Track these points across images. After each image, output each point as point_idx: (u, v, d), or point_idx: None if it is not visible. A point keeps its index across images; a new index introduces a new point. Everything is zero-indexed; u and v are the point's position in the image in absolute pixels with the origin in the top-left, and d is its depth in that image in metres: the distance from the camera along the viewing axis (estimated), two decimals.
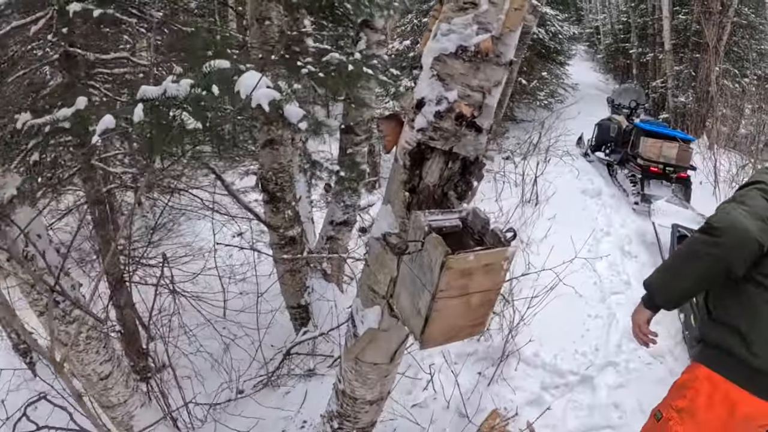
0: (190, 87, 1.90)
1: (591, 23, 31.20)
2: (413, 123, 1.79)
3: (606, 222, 7.53)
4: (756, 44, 16.82)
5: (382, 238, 2.03)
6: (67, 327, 3.42)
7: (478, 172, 1.95)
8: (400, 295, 1.96)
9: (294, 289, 5.46)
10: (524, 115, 13.93)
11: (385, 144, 1.95)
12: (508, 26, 1.66)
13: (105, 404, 3.89)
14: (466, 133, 1.76)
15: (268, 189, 4.87)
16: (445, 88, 1.72)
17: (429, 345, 1.85)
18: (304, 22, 4.62)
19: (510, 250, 1.70)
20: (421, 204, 1.89)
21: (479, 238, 1.84)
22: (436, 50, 1.72)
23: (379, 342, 2.41)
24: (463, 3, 1.68)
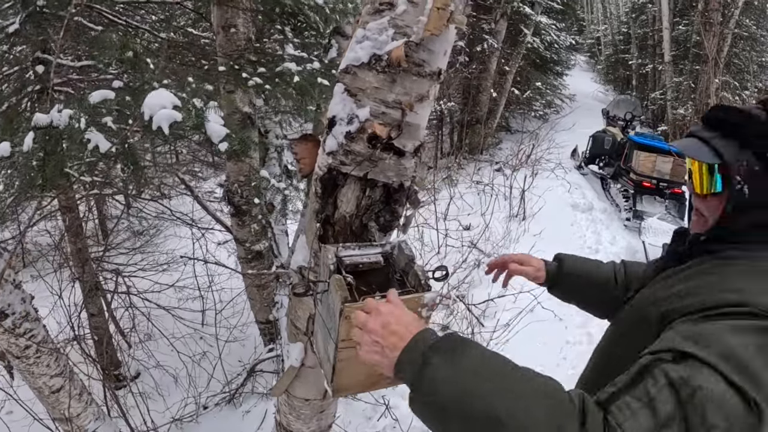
0: (69, 118, 1.67)
1: (592, 34, 31.11)
2: (324, 145, 1.55)
3: (595, 239, 7.28)
4: (757, 56, 16.64)
5: (297, 272, 1.78)
6: (17, 340, 3.31)
7: (409, 200, 1.71)
8: (317, 334, 1.72)
9: (262, 304, 5.26)
10: (519, 126, 13.71)
11: (300, 168, 1.71)
12: (430, 29, 1.39)
13: (57, 417, 3.80)
14: (384, 157, 1.51)
15: (233, 202, 4.67)
16: (357, 105, 1.47)
17: (340, 394, 1.59)
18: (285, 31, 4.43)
19: (427, 296, 1.43)
20: (337, 236, 1.64)
21: (401, 277, 1.59)
22: (347, 61, 1.47)
23: (308, 378, 2.16)
24: (378, 4, 1.44)
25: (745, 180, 1.24)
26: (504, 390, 0.97)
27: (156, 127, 1.83)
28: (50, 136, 1.75)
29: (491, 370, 1.01)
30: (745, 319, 1.00)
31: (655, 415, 0.91)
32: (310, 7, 3.92)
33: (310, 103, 3.71)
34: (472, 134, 11.78)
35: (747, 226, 1.26)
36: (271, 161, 5.39)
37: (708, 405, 0.89)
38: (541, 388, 0.97)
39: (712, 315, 1.06)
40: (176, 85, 2.26)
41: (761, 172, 1.22)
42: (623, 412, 0.93)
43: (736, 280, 1.17)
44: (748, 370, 0.92)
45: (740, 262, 1.24)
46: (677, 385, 0.93)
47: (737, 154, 1.25)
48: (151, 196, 7.10)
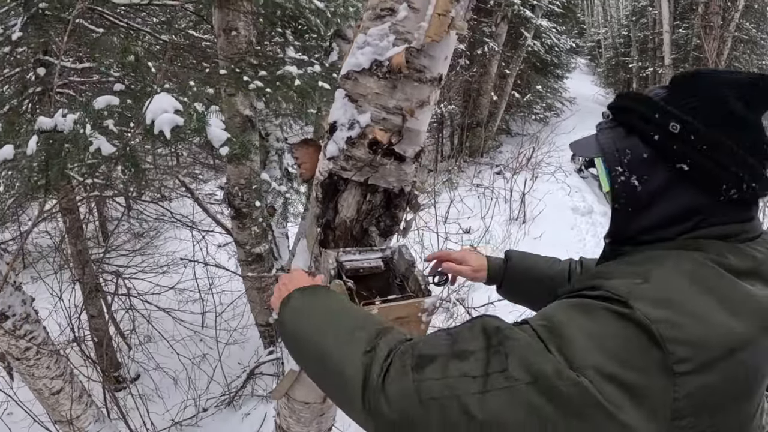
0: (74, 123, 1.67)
1: (593, 37, 31.12)
2: (325, 150, 1.55)
3: (595, 242, 7.28)
4: (757, 59, 16.66)
5: None
6: (18, 342, 3.32)
7: (410, 205, 1.71)
8: None
9: (262, 307, 5.27)
10: (519, 129, 13.71)
11: (301, 173, 1.71)
12: (431, 35, 1.40)
13: (57, 419, 3.81)
14: (384, 162, 1.51)
15: (234, 204, 4.67)
16: (358, 111, 1.47)
17: None
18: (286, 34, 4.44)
19: (428, 301, 1.45)
20: (338, 241, 1.64)
21: (401, 282, 1.60)
22: (348, 66, 1.47)
23: (308, 381, 2.16)
24: (380, 10, 1.44)
25: (632, 170, 1.07)
26: (332, 328, 1.10)
27: (158, 131, 1.83)
28: (54, 140, 1.76)
29: (331, 310, 1.16)
30: (586, 299, 0.94)
31: (453, 345, 0.94)
32: (311, 11, 3.93)
33: (310, 106, 3.72)
34: (472, 137, 11.79)
35: (648, 226, 1.08)
36: (272, 164, 5.39)
37: (512, 353, 0.88)
38: (363, 338, 1.04)
39: (567, 296, 1.00)
40: (178, 88, 2.26)
41: (651, 158, 1.06)
42: (424, 341, 0.99)
43: (604, 268, 1.08)
44: (560, 336, 0.89)
45: (650, 254, 1.05)
46: (490, 332, 0.93)
47: (620, 143, 1.10)
48: (151, 198, 7.11)
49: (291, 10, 3.81)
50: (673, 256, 0.99)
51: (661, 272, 0.95)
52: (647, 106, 1.07)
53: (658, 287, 0.91)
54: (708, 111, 1.00)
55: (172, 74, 4.16)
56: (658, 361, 0.83)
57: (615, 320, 0.87)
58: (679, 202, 1.04)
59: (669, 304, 0.88)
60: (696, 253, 0.98)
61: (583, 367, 0.84)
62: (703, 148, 0.99)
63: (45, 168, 1.81)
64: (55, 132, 1.77)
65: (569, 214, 8.24)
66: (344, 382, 1.01)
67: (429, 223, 6.92)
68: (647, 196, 1.07)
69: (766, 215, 6.59)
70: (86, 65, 4.38)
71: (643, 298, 0.88)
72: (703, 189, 1.02)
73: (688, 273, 0.94)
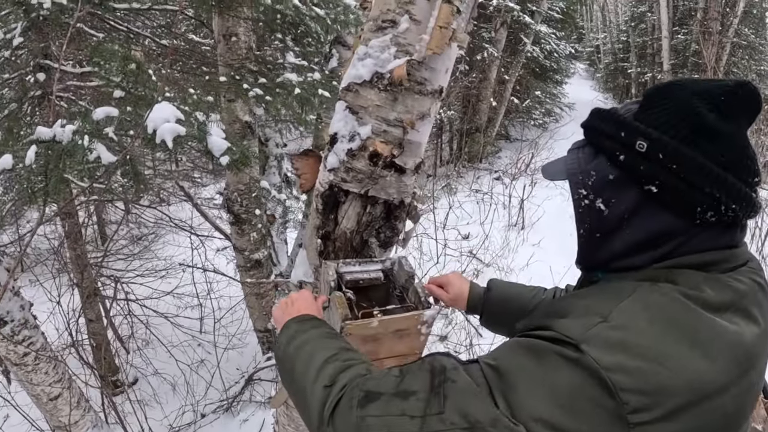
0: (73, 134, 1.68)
1: (592, 42, 31.18)
2: (326, 162, 1.55)
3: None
4: (756, 65, 16.65)
5: (297, 286, 1.79)
6: (16, 347, 3.36)
7: (410, 216, 1.71)
8: None
9: (260, 313, 5.26)
10: (518, 134, 13.72)
11: (301, 184, 1.71)
12: (432, 48, 1.40)
13: (56, 424, 3.83)
14: (384, 174, 1.51)
15: (233, 210, 4.67)
16: (359, 123, 1.47)
17: None
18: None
19: (427, 313, 1.44)
20: (338, 252, 1.64)
21: (401, 293, 1.60)
22: (349, 78, 1.47)
23: None
24: (381, 22, 1.44)
25: (597, 193, 0.99)
26: (306, 362, 1.12)
27: (160, 140, 1.83)
28: (52, 150, 1.76)
29: (311, 344, 1.18)
30: (537, 339, 0.86)
31: (399, 384, 0.91)
32: (311, 17, 3.93)
33: (310, 113, 3.72)
34: (471, 143, 11.79)
35: (618, 253, 1.00)
36: (271, 170, 5.39)
37: (450, 396, 0.85)
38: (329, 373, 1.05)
39: (523, 334, 0.92)
40: (178, 97, 2.27)
41: (618, 180, 0.97)
42: (375, 378, 0.97)
43: (562, 302, 1.01)
44: (506, 382, 0.83)
45: (616, 284, 0.97)
46: (436, 372, 0.90)
47: (586, 165, 1.01)
48: (150, 203, 7.10)
49: (291, 16, 3.81)
50: (641, 288, 0.89)
51: (622, 308, 0.86)
52: (613, 123, 0.98)
53: (615, 326, 0.83)
54: (678, 126, 0.91)
55: (172, 80, 4.16)
56: (611, 411, 0.76)
57: (564, 366, 0.80)
58: (650, 227, 0.95)
59: (625, 348, 0.80)
60: (667, 285, 0.89)
61: (526, 417, 0.79)
62: (673, 167, 0.90)
63: (44, 176, 1.81)
64: (54, 142, 1.77)
65: (568, 220, 8.17)
66: (309, 413, 1.03)
67: (428, 229, 6.92)
68: (615, 220, 0.98)
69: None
70: (86, 70, 4.38)
71: (596, 341, 0.80)
72: (676, 212, 0.93)
73: (655, 309, 0.85)
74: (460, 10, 1.41)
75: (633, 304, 0.86)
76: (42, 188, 1.94)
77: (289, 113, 3.80)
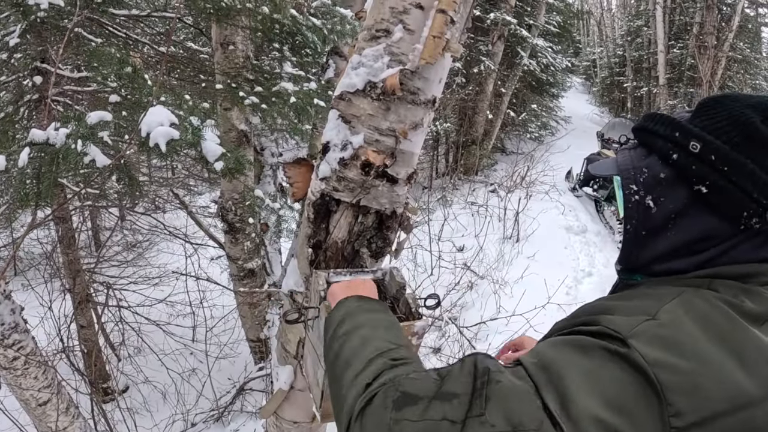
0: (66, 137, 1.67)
1: (588, 56, 31.33)
2: (318, 170, 1.55)
3: (589, 261, 7.27)
4: (751, 79, 16.74)
5: (288, 296, 1.78)
6: (6, 351, 3.30)
7: (402, 226, 1.70)
8: (307, 359, 1.72)
9: (253, 322, 5.23)
10: (514, 147, 13.76)
11: (293, 192, 1.70)
12: (426, 58, 1.39)
13: (44, 430, 3.78)
14: (377, 184, 1.50)
15: (227, 219, 4.66)
16: (351, 132, 1.47)
17: (328, 419, 1.59)
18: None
19: (418, 324, 1.44)
20: (329, 261, 1.63)
21: (392, 304, 1.59)
22: (342, 87, 1.47)
23: (297, 401, 2.15)
24: (375, 31, 1.44)
25: (648, 190, 1.01)
26: (356, 357, 1.05)
27: (153, 144, 1.83)
28: (46, 153, 1.75)
29: (365, 334, 1.12)
30: (581, 335, 0.86)
31: (440, 387, 0.87)
32: (309, 27, 3.95)
33: (306, 123, 3.72)
34: (467, 155, 11.81)
35: (661, 255, 1.01)
36: (266, 179, 5.38)
37: (493, 397, 0.81)
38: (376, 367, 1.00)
39: (565, 332, 0.92)
40: (173, 102, 2.26)
41: (669, 179, 0.99)
42: (412, 379, 0.92)
43: (607, 302, 0.98)
44: (553, 375, 0.81)
45: (659, 288, 0.97)
46: (478, 373, 0.86)
47: (638, 162, 1.04)
48: (145, 210, 7.09)
49: (289, 26, 3.82)
50: (685, 293, 0.89)
51: (668, 309, 0.86)
52: (668, 125, 1.01)
53: (662, 324, 0.82)
54: (731, 132, 0.93)
55: (168, 86, 4.17)
56: (655, 410, 0.75)
57: (611, 360, 0.79)
58: (695, 229, 0.97)
59: (671, 346, 0.79)
60: (709, 292, 0.90)
61: (579, 414, 0.76)
62: (724, 170, 0.92)
63: (37, 178, 1.80)
64: (47, 145, 1.76)
65: (563, 233, 8.24)
66: (341, 403, 0.99)
67: (422, 241, 6.91)
68: (662, 219, 1.00)
69: None
70: (83, 74, 4.38)
71: (643, 337, 0.80)
72: (722, 215, 0.94)
73: (699, 313, 0.85)
74: (454, 21, 1.41)
75: (678, 307, 0.86)
76: (35, 191, 1.93)
77: (285, 122, 3.80)
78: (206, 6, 3.13)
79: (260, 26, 3.82)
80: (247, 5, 3.43)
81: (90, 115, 1.89)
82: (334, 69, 4.55)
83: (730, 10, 14.91)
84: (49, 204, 2.06)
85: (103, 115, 1.90)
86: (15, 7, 3.15)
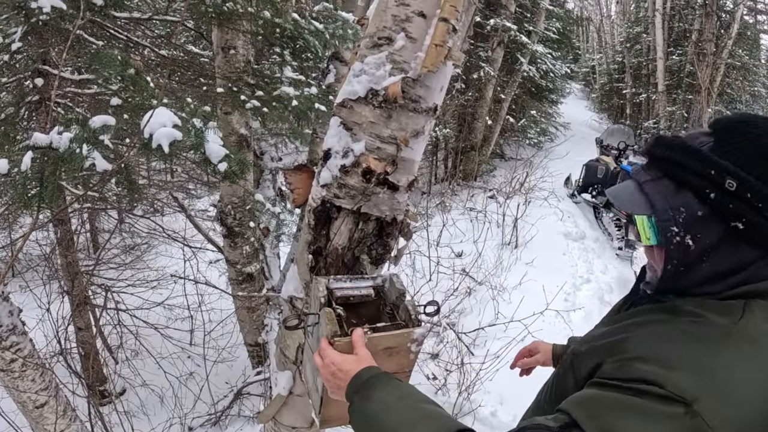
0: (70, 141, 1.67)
1: (587, 62, 31.38)
2: (319, 177, 1.55)
3: (587, 268, 7.27)
4: (749, 86, 16.79)
5: (288, 301, 1.78)
6: (3, 353, 3.30)
7: (402, 233, 1.71)
8: (306, 364, 1.72)
9: (251, 327, 5.22)
10: (513, 153, 13.76)
11: (294, 198, 1.71)
12: (427, 66, 1.40)
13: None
14: (377, 191, 1.51)
15: (226, 223, 4.65)
16: (353, 139, 1.47)
17: (327, 425, 1.59)
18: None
19: (417, 331, 1.44)
20: (329, 268, 1.63)
21: (391, 311, 1.59)
22: (344, 94, 1.48)
23: (296, 406, 2.15)
24: (377, 39, 1.45)
25: (687, 229, 1.02)
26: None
27: (156, 145, 1.83)
28: (48, 157, 1.75)
29: (394, 409, 1.13)
30: (649, 401, 0.86)
31: None
32: (310, 32, 3.95)
33: (306, 127, 3.73)
34: (466, 161, 11.81)
35: (696, 282, 1.04)
36: (266, 183, 5.39)
37: None
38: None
39: (621, 386, 0.91)
40: (175, 105, 2.27)
41: (706, 216, 1.00)
42: None
43: (661, 345, 0.97)
44: None
45: (681, 320, 1.01)
46: None
47: (673, 200, 1.04)
48: (144, 213, 7.08)
49: (290, 30, 3.83)
50: (734, 336, 0.92)
51: (725, 362, 0.88)
52: (698, 159, 1.01)
53: (721, 381, 0.86)
54: (761, 165, 0.96)
55: (169, 90, 4.17)
56: None
57: (675, 425, 0.82)
58: (732, 260, 1.00)
59: (731, 401, 0.84)
60: (750, 321, 0.94)
61: None
62: (759, 206, 0.94)
63: (40, 182, 1.80)
64: (50, 149, 1.77)
65: (561, 239, 8.23)
66: None
67: (421, 246, 6.91)
68: (697, 253, 1.01)
69: None
70: (84, 77, 4.38)
71: (706, 400, 0.83)
72: (755, 245, 0.98)
73: (750, 357, 0.89)
74: (456, 29, 1.42)
75: (734, 354, 0.90)
76: (37, 194, 1.93)
77: (285, 127, 3.81)
78: (208, 10, 3.14)
79: (261, 30, 3.83)
80: (248, 9, 3.44)
81: (93, 119, 1.89)
82: (335, 74, 4.57)
83: (729, 17, 14.97)
84: (50, 207, 2.06)
85: (107, 119, 1.90)
86: (17, 10, 3.16)
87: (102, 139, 1.88)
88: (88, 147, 1.78)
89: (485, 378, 4.33)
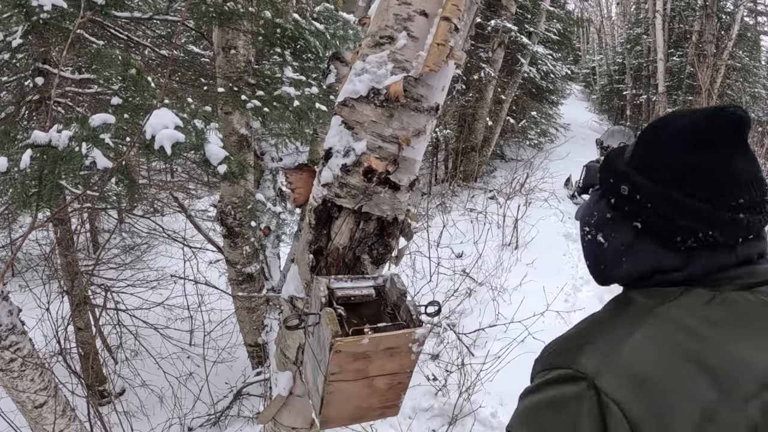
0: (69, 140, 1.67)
1: (588, 64, 31.41)
2: (320, 176, 1.54)
3: (587, 269, 7.24)
4: (749, 87, 16.78)
5: (288, 301, 1.77)
6: (2, 352, 3.27)
7: (403, 233, 1.70)
8: (306, 365, 1.71)
9: (251, 327, 5.22)
10: (513, 154, 13.76)
11: (295, 198, 1.70)
12: (429, 65, 1.39)
13: None
14: (379, 191, 1.50)
15: (226, 223, 4.65)
16: (354, 138, 1.47)
17: (328, 426, 1.58)
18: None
19: (419, 332, 1.43)
20: (330, 267, 1.63)
21: (392, 311, 1.58)
22: (345, 93, 1.47)
23: (296, 406, 2.14)
24: (379, 38, 1.44)
25: (598, 229, 1.12)
26: None
27: (158, 146, 1.83)
28: (48, 155, 1.75)
29: None
30: (558, 387, 0.92)
31: None
32: (311, 32, 3.95)
33: (307, 127, 3.72)
34: (466, 162, 11.81)
35: (623, 276, 1.10)
36: (266, 183, 5.38)
37: None
38: None
39: (540, 384, 0.96)
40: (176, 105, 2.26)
41: (615, 218, 1.09)
42: None
43: (598, 331, 1.00)
44: None
45: (616, 305, 1.07)
46: None
47: (594, 207, 1.15)
48: (144, 213, 7.07)
49: (291, 30, 3.82)
50: (648, 324, 0.94)
51: (636, 342, 0.92)
52: (608, 171, 1.11)
53: (629, 360, 0.89)
54: (656, 166, 1.02)
55: (170, 89, 4.17)
56: None
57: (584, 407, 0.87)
58: (643, 257, 1.06)
59: (639, 381, 0.86)
60: (674, 309, 0.96)
61: None
62: (649, 206, 1.01)
63: (39, 181, 1.79)
64: (50, 147, 1.76)
65: (562, 240, 8.23)
66: None
67: (421, 247, 6.90)
68: (612, 252, 1.09)
69: None
70: (85, 76, 4.37)
71: (608, 375, 0.87)
72: (661, 243, 1.03)
73: (666, 341, 0.91)
74: (458, 28, 1.41)
75: (643, 338, 0.92)
76: (36, 193, 1.93)
77: (285, 127, 3.81)
78: (209, 10, 3.13)
79: (262, 30, 3.82)
80: (249, 9, 3.44)
81: (93, 117, 1.89)
82: (336, 74, 4.56)
83: (729, 18, 14.98)
84: (50, 206, 2.06)
85: (107, 117, 1.90)
86: (18, 8, 3.15)
87: (102, 138, 1.88)
88: (87, 145, 1.77)
89: (485, 379, 4.32)
